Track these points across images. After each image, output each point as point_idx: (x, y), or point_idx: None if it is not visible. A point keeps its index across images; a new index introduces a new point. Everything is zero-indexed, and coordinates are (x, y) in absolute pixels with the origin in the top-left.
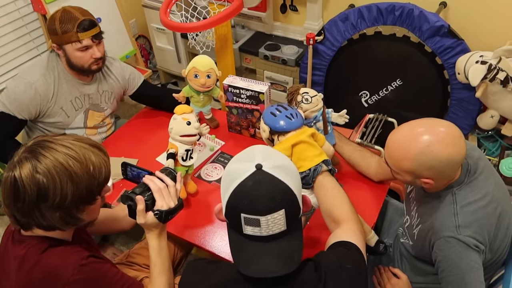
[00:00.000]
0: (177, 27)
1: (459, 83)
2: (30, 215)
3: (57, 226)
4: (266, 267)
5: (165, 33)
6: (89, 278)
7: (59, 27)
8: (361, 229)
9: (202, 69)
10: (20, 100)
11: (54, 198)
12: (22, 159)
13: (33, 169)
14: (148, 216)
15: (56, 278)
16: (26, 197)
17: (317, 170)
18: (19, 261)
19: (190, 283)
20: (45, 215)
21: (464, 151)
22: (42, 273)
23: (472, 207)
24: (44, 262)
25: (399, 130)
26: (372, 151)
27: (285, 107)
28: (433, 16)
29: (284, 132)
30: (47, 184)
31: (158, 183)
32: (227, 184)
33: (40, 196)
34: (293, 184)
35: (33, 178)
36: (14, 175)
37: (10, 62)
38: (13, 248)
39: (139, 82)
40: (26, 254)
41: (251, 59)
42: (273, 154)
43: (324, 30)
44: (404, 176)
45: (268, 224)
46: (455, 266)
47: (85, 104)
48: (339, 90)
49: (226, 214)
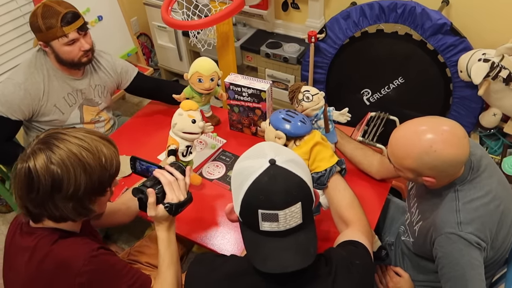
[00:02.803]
0: (178, 25)
1: (462, 81)
2: (44, 206)
3: (69, 217)
4: (284, 262)
5: (167, 31)
6: (99, 269)
7: (42, 23)
8: (369, 232)
9: (205, 74)
10: (11, 101)
11: (68, 189)
12: (36, 150)
13: (47, 159)
14: (158, 209)
15: (67, 268)
16: (40, 187)
17: (332, 170)
18: (30, 252)
19: (198, 275)
20: (58, 205)
21: (468, 151)
22: (53, 263)
23: (475, 204)
24: (55, 253)
25: (403, 128)
26: (374, 149)
27: (293, 112)
28: (435, 14)
29: (302, 136)
30: (61, 174)
31: (168, 176)
32: (240, 182)
33: (55, 186)
34: (306, 176)
35: (48, 169)
36: (28, 166)
37: (12, 60)
38: (22, 240)
39: (133, 75)
40: (36, 245)
41: (252, 57)
42: (282, 149)
43: (326, 28)
44: (406, 173)
45: (286, 218)
46: (456, 263)
47: (79, 100)
48: (341, 88)
49: (241, 213)
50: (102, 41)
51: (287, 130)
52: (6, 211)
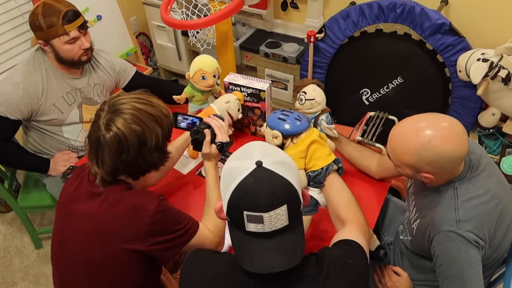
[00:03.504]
0: (177, 24)
1: (460, 81)
2: (134, 163)
3: (157, 165)
4: (270, 263)
5: (166, 31)
6: (167, 210)
7: (43, 21)
8: (366, 231)
9: (209, 70)
10: (9, 100)
11: (152, 141)
12: (111, 118)
13: (126, 122)
14: (212, 147)
15: (141, 210)
16: (130, 147)
17: (329, 169)
18: (103, 197)
19: (193, 271)
20: (146, 158)
21: (466, 147)
22: (128, 206)
23: (474, 202)
24: (128, 198)
25: (403, 124)
26: (373, 149)
27: (289, 111)
28: (434, 14)
29: (298, 134)
30: (142, 131)
31: (217, 122)
32: (228, 182)
33: (141, 142)
34: (293, 179)
35: (131, 129)
36: (115, 132)
37: (11, 60)
38: (93, 188)
39: (131, 74)
40: (110, 191)
41: (251, 56)
42: (272, 150)
43: (325, 27)
44: (404, 169)
45: (271, 220)
46: (454, 261)
47: (78, 99)
48: (340, 88)
49: (227, 213)
50: (101, 40)
51: (282, 128)
52: (5, 210)
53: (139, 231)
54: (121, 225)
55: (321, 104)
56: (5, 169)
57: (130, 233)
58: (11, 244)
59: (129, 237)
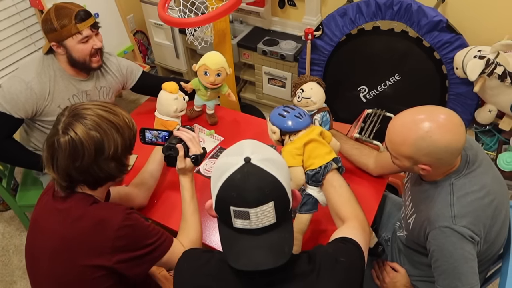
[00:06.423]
0: (175, 22)
1: (457, 77)
2: (89, 170)
3: (113, 175)
4: (256, 260)
5: (163, 29)
6: (135, 225)
7: (57, 23)
8: (365, 228)
9: (212, 67)
10: (16, 99)
11: (109, 150)
12: (69, 123)
13: (85, 127)
14: (186, 161)
15: (106, 225)
16: (85, 153)
17: (327, 167)
18: (65, 213)
19: (185, 272)
20: (102, 167)
21: (464, 139)
22: (91, 222)
23: (469, 198)
24: (92, 212)
25: (401, 116)
26: (371, 146)
27: (292, 107)
28: (431, 11)
29: (295, 132)
30: (101, 138)
31: (188, 134)
32: (216, 178)
33: (97, 150)
34: (281, 176)
35: (89, 135)
36: (70, 137)
37: (8, 58)
38: (56, 203)
39: (138, 75)
40: (71, 207)
41: (249, 54)
42: (262, 147)
43: (323, 25)
44: (402, 161)
45: (257, 217)
46: (449, 256)
47: (83, 101)
48: (338, 85)
49: (216, 208)
50: None
51: (280, 124)
52: (3, 209)
53: (104, 246)
54: (85, 241)
55: (316, 104)
56: (3, 168)
57: (94, 249)
58: (10, 242)
59: (93, 253)
